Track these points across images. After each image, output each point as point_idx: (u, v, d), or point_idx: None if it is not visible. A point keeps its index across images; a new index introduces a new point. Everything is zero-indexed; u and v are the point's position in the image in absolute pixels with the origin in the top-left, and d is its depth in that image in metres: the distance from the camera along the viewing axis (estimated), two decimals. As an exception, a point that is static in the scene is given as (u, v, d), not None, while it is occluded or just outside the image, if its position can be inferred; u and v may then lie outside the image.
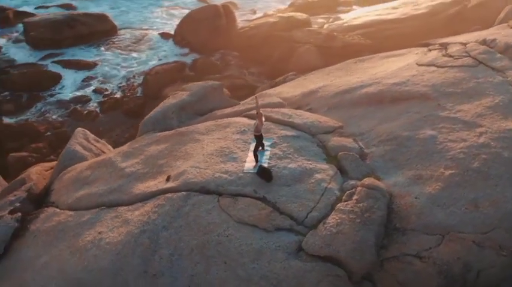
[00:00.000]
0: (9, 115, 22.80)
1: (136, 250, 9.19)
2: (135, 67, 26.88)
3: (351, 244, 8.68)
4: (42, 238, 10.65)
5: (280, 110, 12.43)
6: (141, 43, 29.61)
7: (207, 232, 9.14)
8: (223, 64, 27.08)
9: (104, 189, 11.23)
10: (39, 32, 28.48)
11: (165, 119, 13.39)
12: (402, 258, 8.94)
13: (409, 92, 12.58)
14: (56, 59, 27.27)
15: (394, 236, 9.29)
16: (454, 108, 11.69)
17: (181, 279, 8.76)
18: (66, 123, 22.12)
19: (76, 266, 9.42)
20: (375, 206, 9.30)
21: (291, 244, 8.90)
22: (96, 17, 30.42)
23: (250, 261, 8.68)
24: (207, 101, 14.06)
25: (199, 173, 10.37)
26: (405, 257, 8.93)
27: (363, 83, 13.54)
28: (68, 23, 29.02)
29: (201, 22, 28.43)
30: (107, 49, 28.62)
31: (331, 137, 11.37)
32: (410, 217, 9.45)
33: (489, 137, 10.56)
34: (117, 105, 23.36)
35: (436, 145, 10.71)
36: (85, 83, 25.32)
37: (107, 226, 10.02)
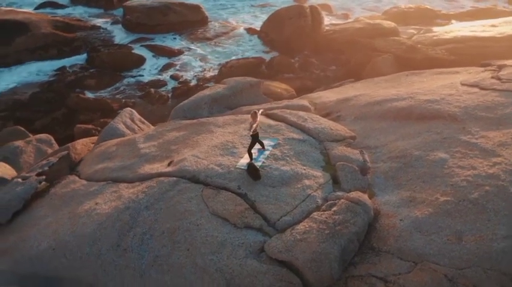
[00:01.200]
0: (90, 90, 24.72)
1: (116, 224, 9.70)
2: (215, 59, 27.78)
3: (310, 253, 8.48)
4: (54, 201, 11.57)
5: (298, 113, 12.34)
6: (227, 36, 30.52)
7: (181, 218, 9.41)
8: (301, 65, 27.11)
9: (117, 165, 11.92)
10: (135, 17, 30.45)
11: (197, 108, 13.84)
12: (367, 278, 8.54)
13: (438, 111, 11.88)
14: (144, 43, 29.01)
15: (367, 255, 8.91)
16: (478, 134, 10.88)
17: (146, 257, 9.12)
18: (137, 104, 23.48)
19: (67, 230, 10.15)
20: (351, 220, 8.98)
21: (255, 243, 8.89)
22: (189, 7, 31.82)
23: (211, 252, 8.80)
24: (242, 96, 14.30)
25: (195, 162, 10.67)
26: (370, 278, 8.53)
27: (398, 96, 12.99)
28: (161, 10, 30.69)
29: (286, 21, 28.68)
30: (193, 39, 29.85)
31: (338, 146, 11.10)
32: (388, 238, 9.01)
33: (502, 168, 9.71)
34: (188, 93, 24.30)
35: (443, 169, 10.06)
36: (165, 68, 26.65)
37: (104, 198, 10.66)
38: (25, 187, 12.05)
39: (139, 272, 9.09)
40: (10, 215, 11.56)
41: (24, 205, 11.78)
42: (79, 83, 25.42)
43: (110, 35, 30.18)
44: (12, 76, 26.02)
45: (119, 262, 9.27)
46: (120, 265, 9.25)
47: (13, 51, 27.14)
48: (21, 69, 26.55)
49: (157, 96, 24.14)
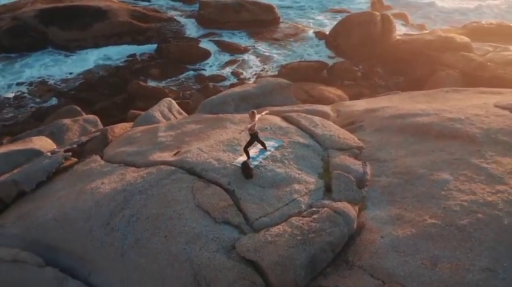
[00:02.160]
0: (153, 78, 25.85)
1: (111, 203, 10.20)
2: (278, 59, 27.99)
3: (277, 256, 8.46)
4: (72, 177, 12.34)
5: (313, 117, 12.22)
6: (295, 38, 30.59)
7: (167, 206, 9.72)
8: (364, 73, 26.64)
9: (134, 150, 12.47)
10: (208, 12, 31.37)
11: (223, 104, 14.11)
12: (333, 290, 8.43)
13: (458, 131, 11.31)
14: (213, 39, 29.82)
15: (340, 268, 8.74)
16: (491, 158, 10.24)
17: (129, 239, 9.52)
18: (193, 97, 24.21)
19: (71, 204, 10.81)
20: (328, 230, 8.83)
21: (229, 239, 9.00)
22: (263, 6, 32.23)
23: (185, 242, 9.03)
24: (271, 97, 14.38)
25: (197, 155, 10.94)
26: (337, 290, 8.40)
27: (423, 111, 12.49)
28: (235, 7, 31.36)
29: (354, 27, 28.27)
30: (261, 38, 30.22)
31: (340, 155, 10.90)
32: (364, 253, 8.77)
33: (503, 197, 9.10)
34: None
35: (441, 191, 9.60)
36: (227, 64, 27.24)
37: (110, 179, 11.21)
38: (51, 160, 12.92)
39: (121, 252, 9.51)
40: (34, 185, 12.45)
41: (48, 177, 12.60)
42: (144, 71, 26.64)
43: (182, 27, 31.31)
44: (86, 59, 27.79)
45: (106, 240, 9.75)
46: (106, 242, 9.73)
47: (90, 35, 28.96)
48: (95, 53, 28.26)
49: (214, 90, 24.70)
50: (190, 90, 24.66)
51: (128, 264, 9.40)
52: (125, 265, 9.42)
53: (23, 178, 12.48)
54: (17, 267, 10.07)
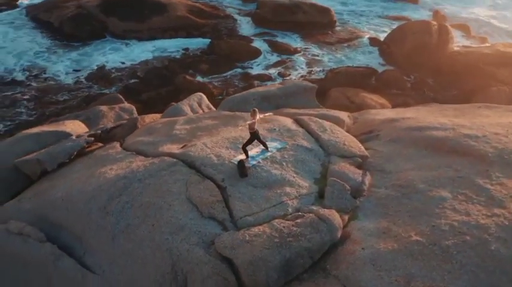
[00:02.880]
0: (201, 73, 26.37)
1: (110, 189, 10.57)
2: (327, 63, 27.71)
3: (250, 256, 8.47)
4: (90, 161, 12.88)
5: (324, 122, 12.07)
6: (348, 43, 30.15)
7: (160, 196, 9.96)
8: (414, 83, 25.88)
9: (149, 140, 12.85)
10: (264, 11, 31.55)
11: (245, 103, 14.24)
12: (304, 297, 8.35)
13: (471, 148, 10.81)
14: (265, 38, 29.94)
15: (316, 275, 8.63)
16: (497, 180, 9.72)
17: (121, 223, 9.85)
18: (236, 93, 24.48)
19: (78, 186, 11.31)
20: (308, 236, 8.74)
21: (210, 234, 9.11)
22: (319, 8, 31.99)
23: (169, 232, 9.24)
24: (294, 98, 14.34)
25: (200, 150, 11.12)
26: (307, 297, 8.32)
27: (441, 125, 12.03)
28: (291, 8, 31.33)
29: (409, 35, 27.47)
30: (314, 40, 30.01)
31: (341, 162, 10.70)
32: (342, 263, 8.60)
33: (497, 221, 8.63)
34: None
35: (436, 208, 9.23)
36: (276, 65, 27.28)
37: (118, 166, 11.62)
38: (73, 143, 13.54)
39: (112, 236, 9.86)
40: (55, 165, 13.11)
41: (69, 159, 13.22)
42: (194, 65, 27.21)
43: (237, 25, 31.65)
44: (141, 50, 28.75)
45: (100, 223, 10.13)
46: (100, 225, 10.11)
47: (147, 28, 29.92)
48: (150, 45, 29.17)
49: (258, 89, 24.90)
50: (234, 87, 24.93)
51: (116, 248, 9.73)
52: (114, 248, 9.76)
53: (46, 158, 13.15)
54: (21, 240, 10.65)
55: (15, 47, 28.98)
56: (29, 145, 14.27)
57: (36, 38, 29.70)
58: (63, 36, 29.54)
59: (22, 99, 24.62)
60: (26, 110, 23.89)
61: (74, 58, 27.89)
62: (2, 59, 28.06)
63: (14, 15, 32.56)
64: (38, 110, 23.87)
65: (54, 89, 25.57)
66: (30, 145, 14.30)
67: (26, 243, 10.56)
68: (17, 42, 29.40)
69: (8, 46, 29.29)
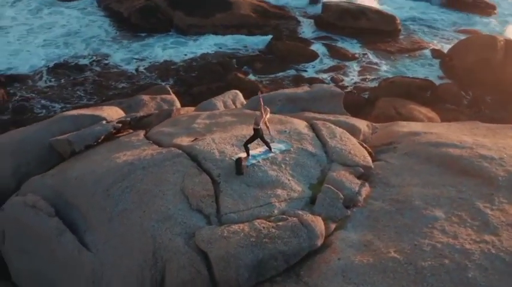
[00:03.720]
0: (254, 72, 26.69)
1: (116, 173, 11.04)
2: (384, 72, 27.09)
3: (224, 252, 8.60)
4: (112, 146, 13.39)
5: (336, 129, 11.88)
6: (409, 53, 29.27)
7: (157, 185, 10.30)
8: (471, 99, 24.73)
9: (169, 131, 13.20)
10: (327, 15, 31.35)
11: (270, 103, 14.12)
12: (272, 300, 8.36)
13: (482, 170, 10.30)
14: (325, 42, 29.73)
15: (289, 280, 8.63)
16: (499, 205, 9.22)
17: (119, 206, 10.27)
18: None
19: (92, 168, 11.88)
20: (285, 239, 8.72)
21: (194, 227, 9.32)
22: (384, 16, 31.27)
23: (156, 220, 9.54)
24: (320, 103, 14.20)
25: (207, 145, 11.33)
26: (275, 301, 8.33)
27: (460, 143, 11.49)
28: (355, 14, 30.89)
29: (473, 50, 26.23)
30: (374, 48, 29.38)
31: (341, 170, 10.51)
32: (315, 271, 8.54)
33: (484, 248, 8.20)
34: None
35: (425, 227, 8.92)
36: (331, 70, 27.02)
37: (132, 152, 12.05)
38: (102, 128, 14.18)
39: (109, 218, 10.32)
40: (82, 147, 13.79)
41: (96, 142, 13.84)
42: (249, 63, 27.56)
43: (299, 27, 31.62)
44: (201, 45, 29.50)
45: (102, 204, 10.62)
46: (101, 206, 10.60)
47: (211, 24, 30.62)
48: (211, 41, 29.85)
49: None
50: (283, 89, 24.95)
51: (111, 230, 10.17)
52: (109, 230, 10.21)
53: (76, 139, 13.88)
54: (34, 212, 11.34)
55: (87, 32, 30.64)
56: (66, 126, 15.07)
57: (104, 26, 31.30)
58: (130, 26, 30.88)
59: (83, 83, 26.01)
60: (85, 94, 25.25)
61: (137, 48, 29.08)
62: (74, 43, 29.76)
63: (84, 3, 34.34)
64: (97, 94, 25.14)
65: (114, 76, 26.81)
66: (66, 125, 15.10)
67: (37, 216, 11.24)
68: (88, 28, 31.08)
69: (81, 31, 31.02)
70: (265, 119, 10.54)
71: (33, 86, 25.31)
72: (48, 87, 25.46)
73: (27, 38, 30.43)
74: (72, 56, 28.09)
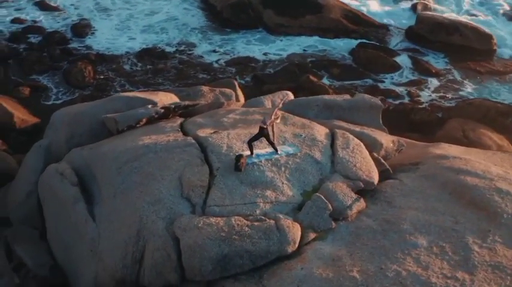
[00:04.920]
0: (330, 77, 26.41)
1: (131, 153, 11.63)
2: (467, 92, 25.47)
3: (193, 241, 8.87)
4: (148, 128, 13.86)
5: (354, 140, 11.53)
6: (500, 75, 27.05)
7: (160, 169, 10.77)
8: None
9: (200, 122, 13.50)
10: (419, 27, 29.98)
11: (306, 107, 14.21)
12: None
13: (490, 203, 9.60)
14: (411, 54, 28.55)
15: (251, 280, 8.75)
16: (491, 244, 8.56)
17: (124, 184, 10.88)
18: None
19: (118, 145, 12.60)
20: (254, 240, 8.79)
21: (178, 213, 9.69)
22: (480, 33, 29.16)
23: (147, 202, 10.03)
24: (357, 113, 13.82)
25: (220, 139, 11.58)
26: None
27: (483, 173, 10.66)
28: (448, 28, 29.20)
29: None
30: (461, 66, 27.53)
31: (340, 182, 10.24)
32: (275, 277, 8.55)
33: (450, 285, 7.68)
34: (404, 111, 23.44)
35: (400, 253, 8.56)
36: (410, 84, 25.91)
37: (157, 137, 12.52)
38: (145, 111, 14.95)
39: (114, 194, 11.02)
40: (125, 127, 14.65)
41: (136, 124, 14.62)
42: (327, 67, 27.29)
43: (388, 37, 30.50)
44: (284, 45, 29.63)
45: (112, 180, 11.35)
46: (111, 181, 11.34)
47: (298, 25, 30.63)
48: (295, 41, 29.90)
49: (380, 104, 24.03)
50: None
51: (113, 205, 10.86)
52: (112, 205, 10.90)
53: (121, 119, 14.79)
54: (60, 179, 12.33)
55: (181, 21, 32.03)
56: (119, 105, 16.06)
57: (197, 17, 32.49)
58: (220, 20, 31.75)
59: (165, 70, 27.31)
60: (164, 80, 26.49)
61: (222, 42, 29.90)
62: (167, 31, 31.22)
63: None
64: (175, 83, 26.25)
65: (195, 66, 27.79)
66: (120, 105, 16.09)
67: (62, 183, 12.21)
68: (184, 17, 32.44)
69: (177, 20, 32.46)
70: (273, 121, 10.55)
71: (119, 67, 26.99)
72: (132, 70, 27.03)
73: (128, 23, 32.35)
74: (160, 43, 29.55)
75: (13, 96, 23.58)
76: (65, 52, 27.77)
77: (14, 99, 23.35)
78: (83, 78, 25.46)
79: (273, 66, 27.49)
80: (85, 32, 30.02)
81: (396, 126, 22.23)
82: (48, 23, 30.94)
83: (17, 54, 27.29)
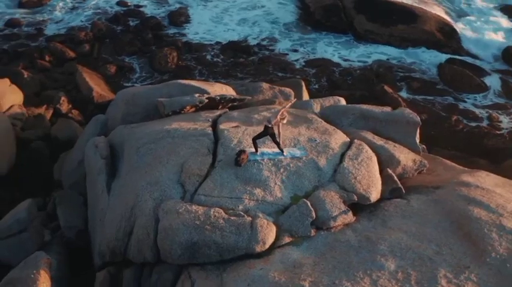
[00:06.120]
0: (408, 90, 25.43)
1: (153, 136, 12.19)
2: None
3: (168, 225, 9.29)
4: (186, 116, 14.35)
5: (365, 153, 11.18)
6: None
7: (169, 154, 11.26)
8: None
9: (232, 115, 13.85)
10: (514, 50, 27.97)
11: (342, 114, 13.93)
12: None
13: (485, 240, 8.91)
14: (503, 76, 26.58)
15: (215, 271, 9.00)
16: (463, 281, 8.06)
17: (137, 163, 11.50)
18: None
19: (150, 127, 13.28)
20: (224, 232, 9.00)
21: (169, 197, 10.14)
22: None
23: (147, 182, 10.59)
24: (393, 127, 13.23)
25: (235, 133, 11.81)
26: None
27: (495, 207, 9.85)
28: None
29: None
30: None
31: (333, 192, 10.03)
32: (234, 272, 8.72)
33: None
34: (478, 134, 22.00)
35: (362, 272, 8.35)
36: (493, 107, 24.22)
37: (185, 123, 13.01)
38: (189, 99, 15.48)
39: (126, 171, 11.81)
40: (170, 112, 15.36)
41: (180, 110, 15.25)
42: (407, 79, 26.31)
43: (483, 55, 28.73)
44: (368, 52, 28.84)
45: (130, 158, 12.08)
46: (130, 159, 12.08)
47: (388, 33, 29.58)
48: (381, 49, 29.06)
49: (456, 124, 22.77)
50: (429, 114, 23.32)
51: (124, 181, 11.60)
52: (123, 181, 11.65)
53: (167, 104, 15.54)
54: (93, 151, 13.27)
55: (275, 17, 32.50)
56: (174, 91, 16.84)
57: (290, 14, 32.74)
58: (311, 20, 31.67)
59: (245, 64, 27.97)
60: (242, 74, 27.12)
61: (307, 42, 29.93)
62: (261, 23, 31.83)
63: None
64: (253, 77, 26.80)
65: (276, 64, 28.02)
66: (175, 91, 16.86)
67: (94, 155, 13.15)
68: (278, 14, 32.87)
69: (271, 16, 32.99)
70: (278, 121, 10.58)
71: (202, 57, 28.07)
72: (214, 61, 28.00)
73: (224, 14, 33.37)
74: (248, 37, 30.23)
75: (99, 72, 25.59)
76: (156, 37, 29.40)
77: (100, 75, 25.32)
78: (165, 63, 26.82)
79: (351, 72, 27.08)
80: (180, 20, 31.41)
81: (466, 148, 21.16)
82: (149, 9, 32.81)
83: (113, 35, 29.37)
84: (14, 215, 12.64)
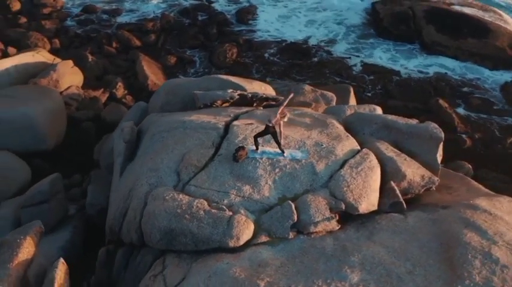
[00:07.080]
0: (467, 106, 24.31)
1: (169, 125, 12.58)
2: None
3: (152, 210, 9.65)
4: (211, 110, 14.82)
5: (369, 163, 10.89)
6: None
7: (176, 143, 11.60)
8: None
9: (256, 113, 14.06)
10: None
11: (365, 123, 13.52)
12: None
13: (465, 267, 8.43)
14: None
15: (186, 260, 9.21)
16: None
17: (148, 149, 12.03)
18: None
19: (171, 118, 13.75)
20: (201, 224, 9.19)
21: (163, 184, 10.51)
22: None
23: (148, 168, 11.05)
24: (415, 141, 12.68)
25: (243, 129, 11.91)
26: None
27: (493, 234, 9.29)
28: None
29: None
30: None
31: (321, 198, 9.84)
32: (201, 264, 8.93)
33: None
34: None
35: (323, 281, 8.25)
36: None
37: (206, 116, 13.39)
38: (221, 94, 15.79)
39: (139, 155, 12.39)
40: (201, 104, 15.80)
41: (210, 103, 15.62)
42: (467, 96, 25.23)
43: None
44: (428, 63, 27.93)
45: (145, 143, 12.59)
46: (144, 145, 12.61)
47: (456, 46, 28.34)
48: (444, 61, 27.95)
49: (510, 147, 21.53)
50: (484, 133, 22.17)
51: (134, 165, 12.16)
52: (134, 164, 12.20)
53: (200, 96, 16.01)
54: (119, 134, 13.84)
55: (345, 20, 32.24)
56: (212, 85, 17.26)
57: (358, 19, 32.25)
58: (379, 27, 30.97)
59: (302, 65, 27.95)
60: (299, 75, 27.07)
61: (369, 48, 29.46)
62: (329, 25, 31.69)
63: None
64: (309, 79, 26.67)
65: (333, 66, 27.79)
66: (213, 84, 17.29)
67: (119, 138, 13.77)
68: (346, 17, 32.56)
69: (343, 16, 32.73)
70: (279, 119, 10.59)
71: (261, 55, 28.39)
72: (272, 60, 28.24)
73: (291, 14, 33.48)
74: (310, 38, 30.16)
75: (160, 62, 26.64)
76: (220, 33, 30.11)
77: (159, 65, 26.36)
78: (224, 58, 27.43)
79: (408, 83, 26.35)
80: (247, 18, 31.92)
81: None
82: (221, 5, 33.58)
83: (180, 27, 30.38)
84: (38, 187, 13.53)
